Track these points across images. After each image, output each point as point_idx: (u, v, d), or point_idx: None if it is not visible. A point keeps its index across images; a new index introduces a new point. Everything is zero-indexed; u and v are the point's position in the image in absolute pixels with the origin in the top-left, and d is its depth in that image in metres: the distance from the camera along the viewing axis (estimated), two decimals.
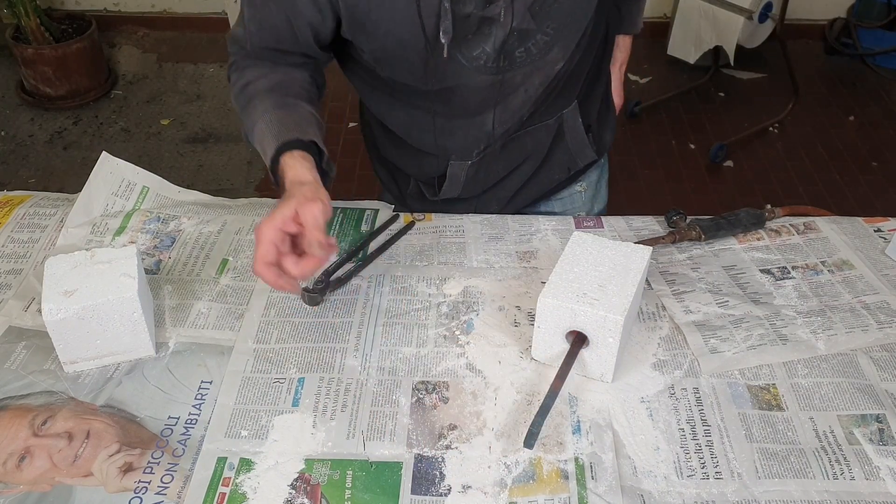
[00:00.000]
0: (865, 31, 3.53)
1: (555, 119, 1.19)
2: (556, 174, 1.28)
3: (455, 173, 1.20)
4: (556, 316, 0.90)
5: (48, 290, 0.91)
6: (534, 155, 1.22)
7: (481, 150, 1.17)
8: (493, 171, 1.22)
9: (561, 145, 1.23)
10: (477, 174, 1.21)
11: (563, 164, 1.26)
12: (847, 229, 1.17)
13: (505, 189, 1.26)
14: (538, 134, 1.19)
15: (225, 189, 2.80)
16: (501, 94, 1.08)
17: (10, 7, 3.09)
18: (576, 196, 1.36)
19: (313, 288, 1.04)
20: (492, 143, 1.16)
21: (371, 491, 0.81)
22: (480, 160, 1.19)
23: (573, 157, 1.26)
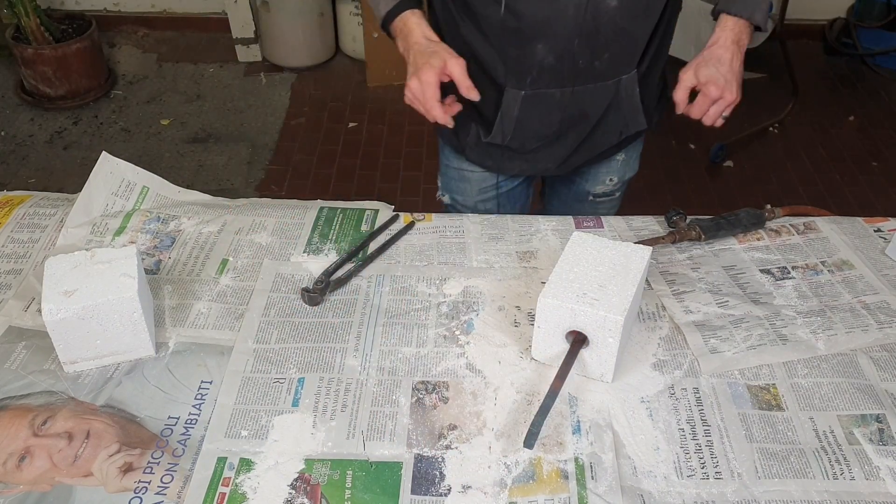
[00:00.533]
0: (865, 31, 3.53)
1: (613, 82, 1.21)
2: (609, 137, 1.31)
3: (509, 104, 1.21)
4: (556, 316, 0.90)
5: (48, 290, 0.91)
6: (590, 115, 1.25)
7: (534, 78, 1.18)
8: (547, 120, 1.24)
9: (616, 110, 1.26)
10: (530, 115, 1.23)
11: (616, 129, 1.29)
12: (847, 229, 1.17)
13: (562, 147, 1.29)
14: (596, 94, 1.22)
15: (225, 189, 2.79)
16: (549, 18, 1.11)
17: (10, 7, 3.08)
18: (613, 163, 1.42)
19: (313, 288, 1.04)
20: (542, 73, 1.17)
21: (371, 491, 0.81)
22: (534, 97, 1.20)
23: (627, 123, 1.29)
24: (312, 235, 1.16)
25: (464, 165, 1.40)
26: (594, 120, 1.26)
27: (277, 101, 3.29)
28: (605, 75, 1.20)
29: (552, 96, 1.20)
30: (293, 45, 3.36)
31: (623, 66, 1.21)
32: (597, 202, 1.49)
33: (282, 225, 1.18)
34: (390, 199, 1.27)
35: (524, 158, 1.31)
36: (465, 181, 1.42)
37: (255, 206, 1.23)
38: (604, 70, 1.19)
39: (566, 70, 1.17)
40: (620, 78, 1.21)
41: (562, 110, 1.22)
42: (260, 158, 2.96)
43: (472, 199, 1.43)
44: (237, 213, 1.20)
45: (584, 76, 1.18)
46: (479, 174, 1.39)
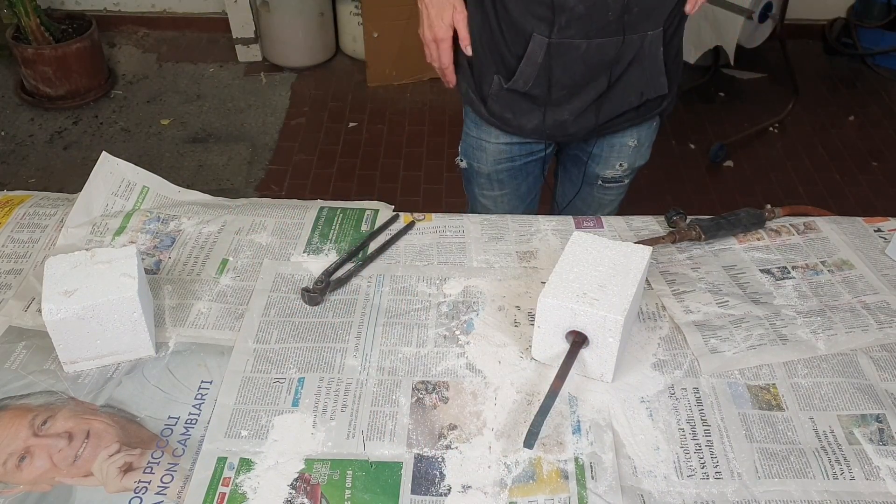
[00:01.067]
0: (865, 31, 3.53)
1: (638, 37, 1.22)
2: (630, 96, 1.32)
3: (534, 51, 1.23)
4: (556, 316, 0.90)
5: (48, 290, 0.91)
6: (613, 68, 1.26)
7: (562, 26, 1.19)
8: (570, 70, 1.25)
9: (639, 67, 1.27)
10: (554, 64, 1.24)
11: (637, 88, 1.31)
12: (847, 229, 1.17)
13: (580, 99, 1.30)
14: (621, 48, 1.23)
15: (225, 189, 2.79)
16: None
17: (10, 7, 3.08)
18: (625, 149, 1.45)
19: (313, 288, 1.04)
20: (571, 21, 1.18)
21: (371, 491, 0.81)
22: (560, 45, 1.21)
23: (648, 82, 1.30)
24: (312, 235, 1.16)
25: (482, 135, 1.43)
26: (617, 74, 1.27)
27: (277, 101, 3.29)
28: (633, 29, 1.21)
29: (578, 47, 1.22)
30: (293, 45, 3.36)
31: (651, 22, 1.22)
32: (605, 186, 1.51)
33: (282, 225, 1.18)
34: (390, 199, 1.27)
35: (541, 110, 1.32)
36: (483, 150, 1.45)
37: (255, 206, 1.23)
38: (632, 24, 1.20)
39: (595, 20, 1.18)
40: (647, 34, 1.23)
41: (585, 61, 1.24)
42: (260, 158, 2.96)
43: (489, 167, 1.47)
44: (237, 213, 1.20)
45: (611, 28, 1.19)
46: (496, 145, 1.43)
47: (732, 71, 3.45)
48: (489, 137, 1.43)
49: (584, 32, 1.20)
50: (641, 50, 1.25)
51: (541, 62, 1.24)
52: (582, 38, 1.21)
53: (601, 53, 1.23)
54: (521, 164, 1.46)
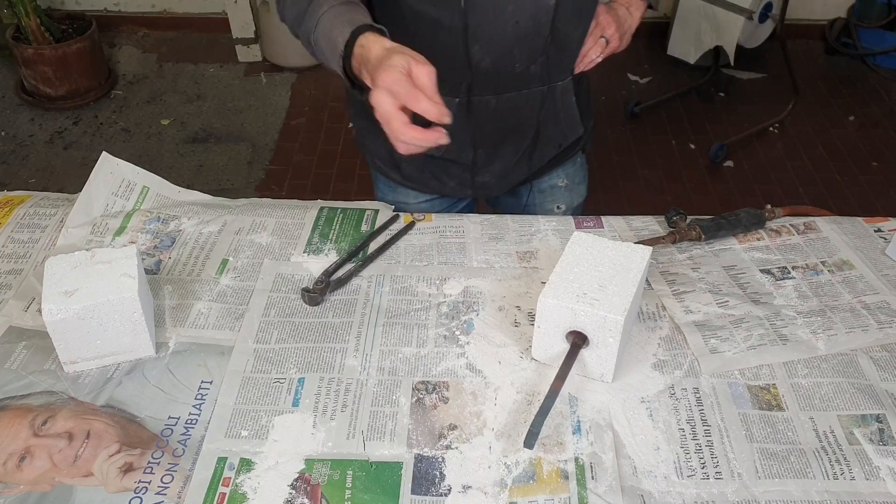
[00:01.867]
0: (865, 31, 3.53)
1: (549, 88, 1.19)
2: (549, 149, 1.29)
3: None
4: (556, 316, 0.90)
5: (48, 290, 0.91)
6: (527, 124, 1.22)
7: (468, 85, 1.14)
8: (483, 129, 1.20)
9: (554, 119, 1.23)
10: (465, 124, 1.19)
11: (555, 139, 1.27)
12: (847, 229, 1.17)
13: (501, 159, 1.25)
14: (532, 101, 1.18)
15: (225, 189, 2.80)
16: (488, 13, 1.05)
17: (10, 7, 3.09)
18: (556, 190, 1.39)
19: (313, 288, 1.04)
20: (478, 80, 1.13)
21: (371, 491, 0.81)
22: (469, 105, 1.16)
23: (564, 131, 1.27)
24: (312, 235, 1.16)
25: (399, 197, 1.35)
26: (533, 129, 1.23)
27: (277, 101, 3.29)
28: (543, 80, 1.17)
29: (488, 103, 1.16)
30: (293, 45, 3.34)
31: (559, 72, 1.18)
32: None
33: (282, 225, 1.18)
34: None
35: (461, 173, 1.26)
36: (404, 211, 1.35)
37: (255, 205, 1.23)
38: (540, 75, 1.15)
39: (502, 75, 1.13)
40: (556, 84, 1.19)
41: (498, 118, 1.19)
42: (260, 158, 2.96)
43: None
44: (237, 213, 1.20)
45: (520, 81, 1.15)
46: (416, 205, 1.35)
47: (732, 71, 3.46)
48: (407, 199, 1.35)
49: (493, 88, 1.14)
50: (554, 102, 1.20)
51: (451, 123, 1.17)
52: (491, 94, 1.15)
53: (513, 109, 1.18)
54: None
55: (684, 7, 3.31)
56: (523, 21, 1.07)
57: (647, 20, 3.86)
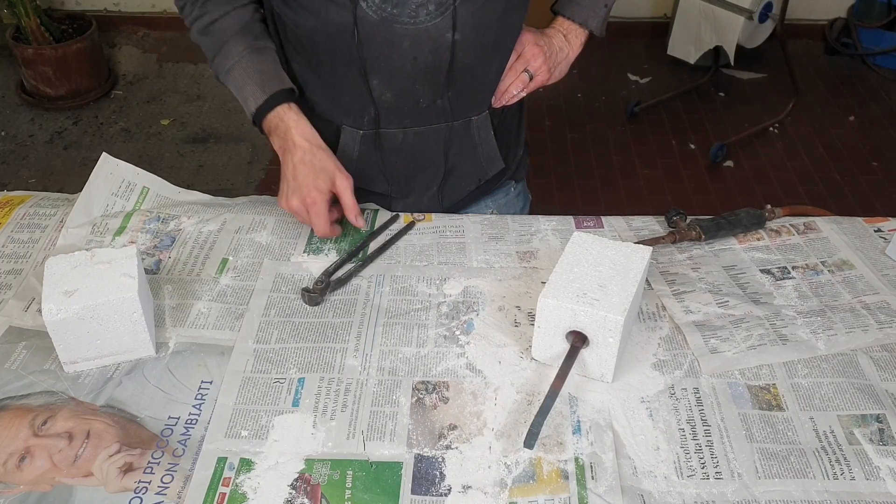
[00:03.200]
0: (865, 31, 3.53)
1: (461, 124, 1.15)
2: (466, 184, 1.25)
3: (347, 144, 1.15)
4: (556, 316, 0.90)
5: (48, 290, 0.91)
6: (439, 159, 1.18)
7: (372, 117, 1.11)
8: (389, 162, 1.18)
9: (470, 155, 1.20)
10: (371, 157, 1.17)
11: (472, 175, 1.24)
12: (847, 229, 1.17)
13: (415, 194, 1.23)
14: (444, 136, 1.15)
15: (225, 189, 2.80)
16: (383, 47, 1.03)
17: (10, 7, 3.09)
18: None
19: (313, 288, 1.04)
20: (381, 113, 1.11)
21: (371, 491, 0.81)
22: (377, 138, 1.14)
23: (483, 167, 1.23)
24: (312, 235, 1.16)
25: None
26: (448, 164, 1.19)
27: None
28: (453, 115, 1.13)
29: (394, 137, 1.14)
30: None
31: (472, 106, 1.14)
32: None
33: (282, 224, 1.18)
34: None
35: (378, 201, 1.23)
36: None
37: (255, 203, 1.23)
38: (450, 109, 1.12)
39: (407, 109, 1.10)
40: (470, 119, 1.15)
41: (406, 153, 1.16)
42: (260, 158, 2.96)
43: None
44: (237, 212, 1.20)
45: (428, 116, 1.12)
46: None
47: (732, 71, 3.46)
48: None
49: (398, 122, 1.12)
50: (470, 136, 1.17)
51: (356, 157, 1.15)
52: (397, 127, 1.13)
53: (423, 143, 1.15)
54: None
55: (684, 7, 3.31)
56: (421, 57, 1.04)
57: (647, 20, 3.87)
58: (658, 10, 3.70)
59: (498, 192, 1.32)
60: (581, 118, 3.20)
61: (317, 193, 1.06)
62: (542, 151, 2.98)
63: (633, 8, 3.69)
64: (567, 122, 3.18)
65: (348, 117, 1.13)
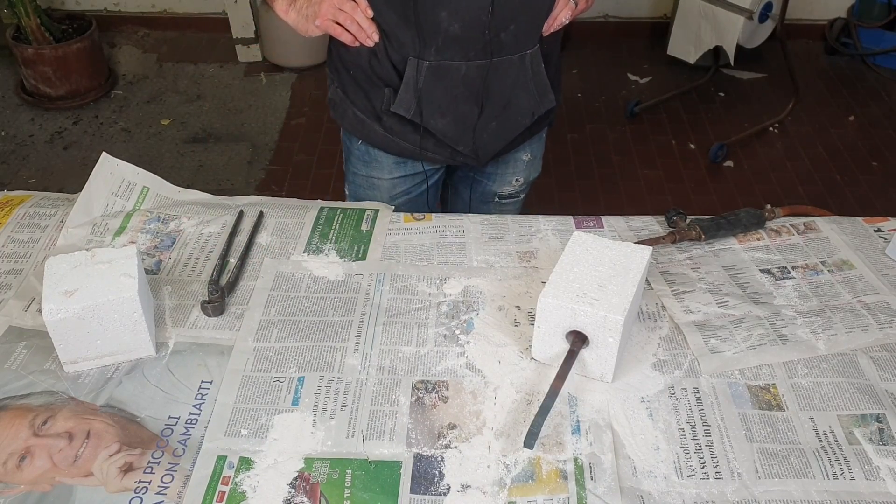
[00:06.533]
0: (865, 31, 3.53)
1: (518, 57, 1.20)
2: (523, 118, 1.30)
3: (412, 74, 1.19)
4: (556, 316, 0.90)
5: (48, 290, 0.91)
6: (499, 92, 1.23)
7: (439, 47, 1.16)
8: (452, 94, 1.21)
9: (525, 88, 1.24)
10: (435, 87, 1.20)
11: (528, 108, 1.28)
12: (847, 229, 1.17)
13: (475, 128, 1.26)
14: (503, 69, 1.20)
15: (225, 189, 2.79)
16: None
17: (10, 7, 3.08)
18: (519, 163, 1.44)
19: (211, 299, 1.02)
20: (447, 44, 1.15)
21: (370, 490, 0.81)
22: (439, 68, 1.18)
23: (538, 101, 1.28)
24: (312, 235, 1.16)
25: (373, 172, 1.37)
26: (505, 98, 1.24)
27: (278, 101, 3.29)
28: (512, 49, 1.18)
29: (458, 69, 1.18)
30: (293, 45, 3.36)
31: (528, 40, 1.20)
32: (502, 203, 1.49)
33: (282, 225, 1.18)
34: None
35: (438, 140, 1.28)
36: (375, 188, 1.39)
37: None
38: (510, 43, 1.17)
39: (472, 41, 1.15)
40: (525, 53, 1.20)
41: (468, 84, 1.21)
42: (260, 158, 2.96)
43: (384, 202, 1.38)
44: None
45: (490, 48, 1.17)
46: (389, 181, 1.37)
47: (732, 71, 3.45)
48: (381, 174, 1.37)
49: (463, 54, 1.16)
50: (524, 70, 1.22)
51: (421, 86, 1.19)
52: (461, 59, 1.17)
53: (483, 76, 1.19)
54: (416, 194, 1.41)
55: (684, 7, 3.31)
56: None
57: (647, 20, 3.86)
58: (658, 10, 3.70)
59: (534, 136, 1.41)
60: (581, 118, 3.20)
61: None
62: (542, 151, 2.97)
63: (633, 8, 3.69)
64: (567, 122, 3.17)
65: (415, 47, 1.17)
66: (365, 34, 1.18)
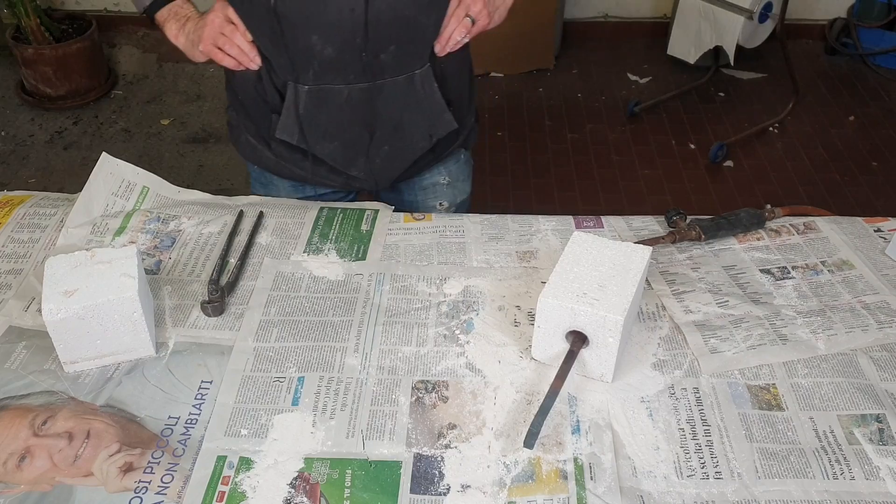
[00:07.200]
0: (865, 31, 3.53)
1: (405, 78, 1.16)
2: (418, 140, 1.25)
3: (292, 100, 1.16)
4: (556, 316, 0.90)
5: (48, 290, 0.91)
6: (386, 115, 1.19)
7: (316, 71, 1.12)
8: (336, 119, 1.18)
9: (417, 109, 1.20)
10: (317, 112, 1.17)
11: (422, 130, 1.23)
12: (847, 229, 1.17)
13: (366, 154, 1.23)
14: (388, 91, 1.16)
15: (225, 189, 2.79)
16: (318, 2, 1.06)
17: (10, 7, 3.09)
18: (438, 187, 1.38)
19: (211, 299, 1.02)
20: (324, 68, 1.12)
21: (370, 490, 0.81)
22: (319, 92, 1.15)
23: (432, 122, 1.23)
24: (312, 235, 1.16)
25: (271, 194, 1.33)
26: (394, 120, 1.19)
27: None
28: (395, 70, 1.14)
29: (339, 93, 1.14)
30: None
31: (414, 61, 1.15)
32: None
33: (282, 225, 1.18)
34: None
35: (330, 166, 1.24)
36: None
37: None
38: (392, 64, 1.13)
39: (350, 64, 1.11)
40: (412, 74, 1.16)
41: (353, 108, 1.16)
42: None
43: None
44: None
45: (371, 71, 1.13)
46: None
47: (732, 71, 3.45)
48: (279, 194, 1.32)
49: (342, 77, 1.13)
50: (412, 91, 1.17)
51: (302, 112, 1.16)
52: (341, 83, 1.13)
53: (368, 99, 1.16)
54: None
55: (684, 7, 3.31)
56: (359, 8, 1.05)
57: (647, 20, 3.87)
58: (658, 10, 3.70)
59: (450, 158, 1.35)
60: (581, 118, 3.20)
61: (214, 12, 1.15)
62: (542, 151, 2.97)
63: (633, 8, 3.69)
64: (567, 122, 3.17)
65: (293, 72, 1.14)
66: (247, 57, 1.15)
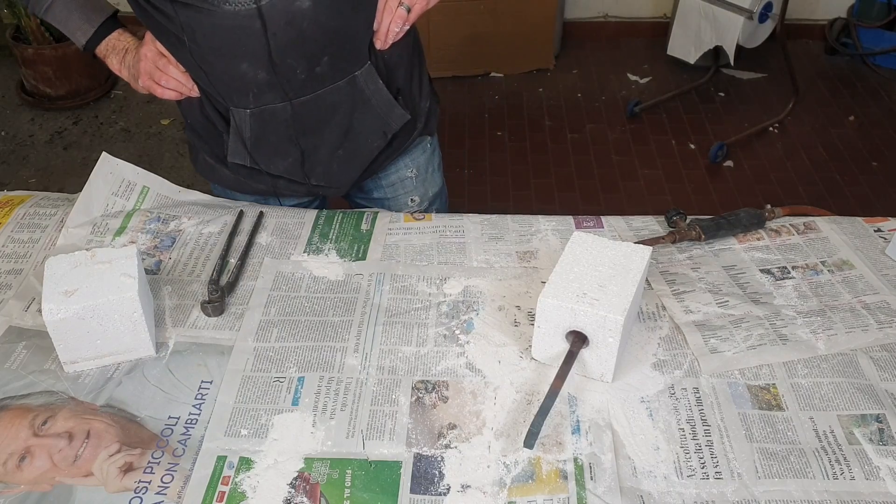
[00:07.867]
0: (865, 31, 3.53)
1: (346, 82, 1.13)
2: (372, 140, 1.22)
3: (238, 125, 1.14)
4: (556, 316, 0.90)
5: (48, 290, 0.91)
6: (334, 120, 1.16)
7: (256, 94, 1.10)
8: (284, 136, 1.16)
9: (365, 109, 1.17)
10: (265, 133, 1.15)
11: (375, 128, 1.20)
12: (847, 229, 1.17)
13: (322, 161, 1.20)
14: (332, 98, 1.13)
15: None
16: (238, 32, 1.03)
17: (10, 7, 3.09)
18: (407, 181, 1.34)
19: (211, 299, 1.02)
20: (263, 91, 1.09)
21: (370, 490, 0.81)
22: (262, 113, 1.12)
23: (384, 119, 1.20)
24: (312, 235, 1.16)
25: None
26: (344, 124, 1.17)
27: None
28: (334, 77, 1.12)
29: (283, 110, 1.12)
30: None
31: (352, 63, 1.12)
32: None
33: (282, 225, 1.18)
34: None
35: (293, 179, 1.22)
36: None
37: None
38: (330, 73, 1.11)
39: (286, 81, 1.09)
40: (353, 75, 1.13)
41: (299, 122, 1.14)
42: None
43: None
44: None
45: (310, 83, 1.10)
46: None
47: (732, 71, 3.45)
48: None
49: (282, 96, 1.10)
50: (356, 92, 1.14)
51: (250, 135, 1.15)
52: (282, 101, 1.11)
53: (313, 110, 1.13)
54: None
55: (684, 7, 3.31)
56: (280, 33, 1.03)
57: (647, 20, 3.86)
58: (658, 10, 3.70)
59: (415, 149, 1.32)
60: (581, 118, 3.20)
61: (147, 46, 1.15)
62: (543, 151, 2.97)
63: (633, 8, 3.69)
64: (567, 122, 3.17)
65: (233, 98, 1.12)
66: (186, 88, 1.15)
